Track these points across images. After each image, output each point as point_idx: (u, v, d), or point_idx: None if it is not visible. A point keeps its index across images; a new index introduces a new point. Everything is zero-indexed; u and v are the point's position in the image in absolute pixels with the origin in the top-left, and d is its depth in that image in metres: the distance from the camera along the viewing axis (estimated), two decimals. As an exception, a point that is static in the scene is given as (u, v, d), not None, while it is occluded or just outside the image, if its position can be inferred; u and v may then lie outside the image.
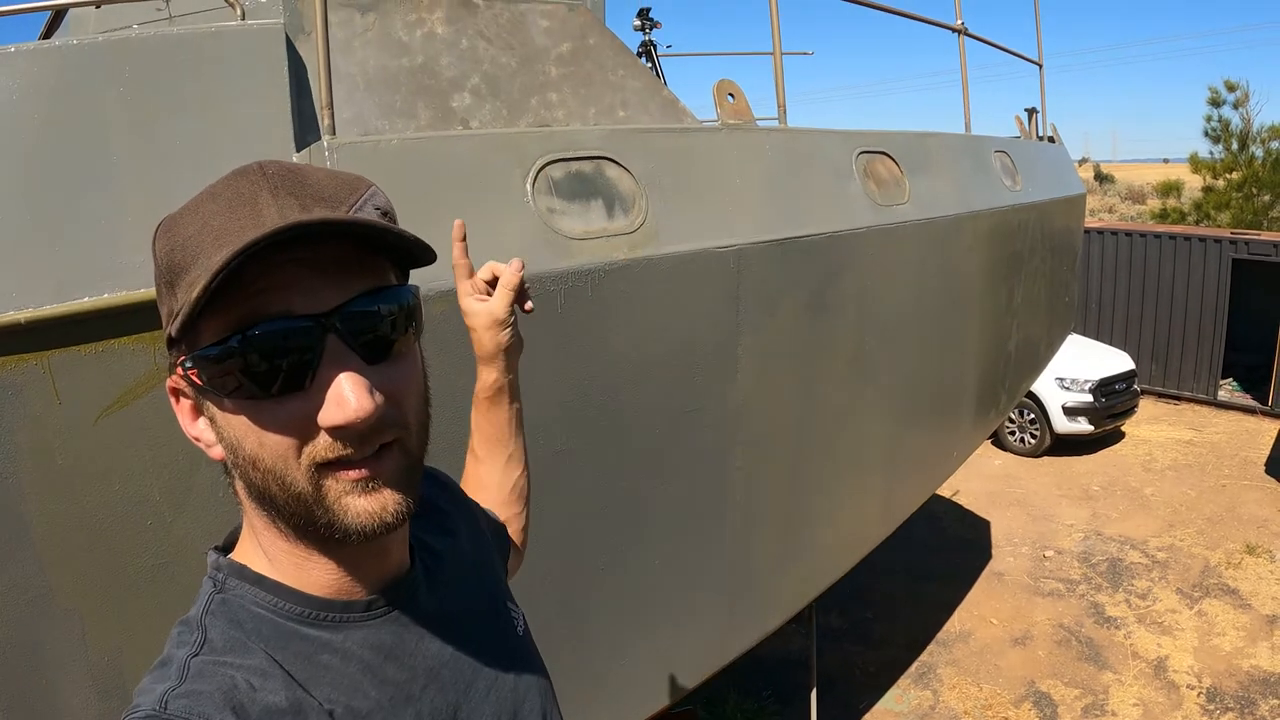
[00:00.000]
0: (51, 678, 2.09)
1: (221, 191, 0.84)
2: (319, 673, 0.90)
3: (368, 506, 0.86)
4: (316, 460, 0.84)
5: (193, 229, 0.82)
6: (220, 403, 0.86)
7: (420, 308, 0.95)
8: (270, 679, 0.86)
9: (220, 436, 0.88)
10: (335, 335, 0.84)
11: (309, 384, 0.83)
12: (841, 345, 3.59)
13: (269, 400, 0.83)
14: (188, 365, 0.85)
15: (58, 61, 1.94)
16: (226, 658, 0.86)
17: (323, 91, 2.22)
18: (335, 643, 0.93)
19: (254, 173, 0.85)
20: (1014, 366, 5.34)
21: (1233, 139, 19.71)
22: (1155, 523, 9.80)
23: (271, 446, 0.84)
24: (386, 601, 0.98)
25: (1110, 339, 13.81)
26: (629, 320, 2.72)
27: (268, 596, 0.92)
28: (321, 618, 0.93)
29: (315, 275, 0.84)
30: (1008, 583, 8.68)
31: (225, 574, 0.94)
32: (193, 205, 0.85)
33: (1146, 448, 12.15)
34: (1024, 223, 4.91)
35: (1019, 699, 6.90)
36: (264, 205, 0.81)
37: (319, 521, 0.86)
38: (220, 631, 0.89)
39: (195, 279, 0.79)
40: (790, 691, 6.67)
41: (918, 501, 4.74)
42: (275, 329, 0.81)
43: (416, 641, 1.00)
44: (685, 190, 2.88)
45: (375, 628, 0.96)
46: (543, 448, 2.63)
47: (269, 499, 0.87)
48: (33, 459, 1.94)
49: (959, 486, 10.62)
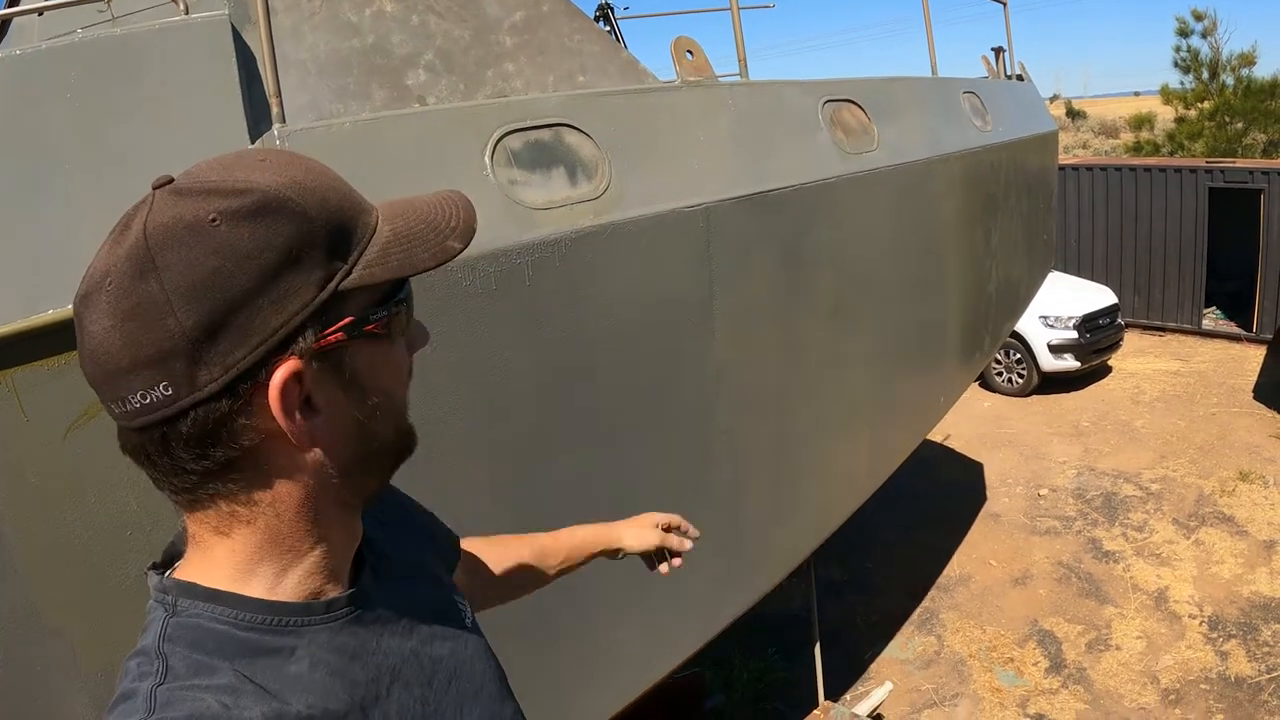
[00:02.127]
0: (46, 697, 2.07)
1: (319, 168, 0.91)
2: (289, 682, 0.88)
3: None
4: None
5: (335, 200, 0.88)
6: (386, 351, 0.93)
7: None
8: (242, 695, 0.83)
9: (363, 395, 0.91)
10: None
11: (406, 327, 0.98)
12: (820, 297, 3.56)
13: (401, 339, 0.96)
14: (377, 314, 0.90)
15: (1, 74, 1.89)
16: (193, 681, 0.83)
17: (269, 80, 2.17)
18: (300, 649, 0.90)
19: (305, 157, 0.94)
20: (996, 307, 5.33)
21: (1203, 68, 19.70)
22: (1147, 455, 9.85)
23: (404, 382, 0.98)
24: (347, 601, 0.97)
25: (1092, 274, 13.83)
26: (600, 288, 2.68)
27: (226, 610, 0.88)
28: (284, 624, 0.90)
29: None
30: (1004, 523, 8.72)
31: (175, 595, 0.89)
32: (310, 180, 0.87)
33: (1134, 381, 12.20)
34: (997, 163, 4.89)
35: (1023, 639, 6.95)
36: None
37: (405, 443, 0.99)
38: (181, 657, 0.85)
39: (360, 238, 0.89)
40: (795, 647, 6.69)
41: (908, 448, 4.74)
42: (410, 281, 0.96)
43: (376, 640, 0.99)
44: (648, 152, 2.84)
45: (336, 630, 0.95)
46: (521, 421, 2.61)
47: (378, 453, 0.96)
48: (4, 479, 1.91)
49: (950, 430, 10.65)
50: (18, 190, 1.88)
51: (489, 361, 2.48)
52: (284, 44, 3.03)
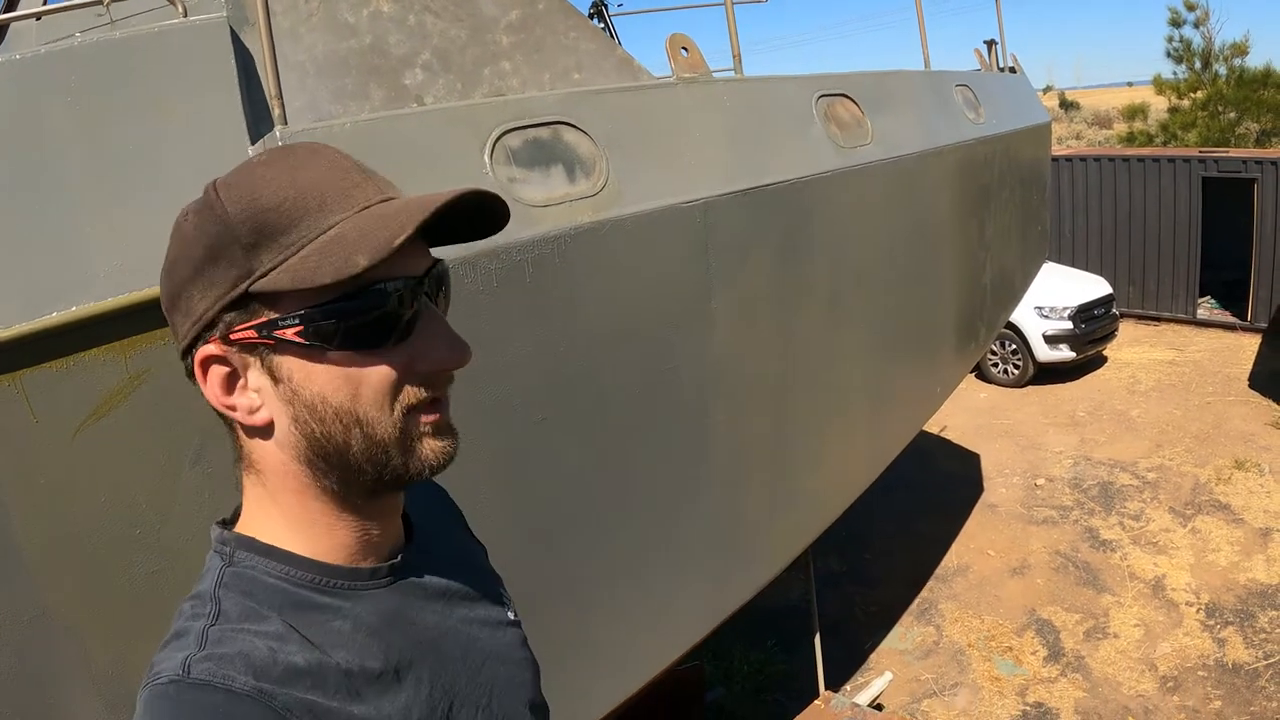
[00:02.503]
0: (58, 697, 2.09)
1: (307, 161, 0.91)
2: (333, 637, 0.94)
3: (438, 446, 0.96)
4: (409, 404, 0.92)
5: (285, 194, 0.87)
6: (316, 359, 0.90)
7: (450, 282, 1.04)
8: (288, 642, 0.90)
9: (292, 396, 0.91)
10: (426, 295, 0.94)
11: (408, 336, 0.92)
12: (816, 291, 3.59)
13: (375, 351, 0.90)
14: (287, 322, 0.88)
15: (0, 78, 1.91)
16: (244, 624, 0.89)
17: (270, 81, 2.19)
18: (346, 609, 0.96)
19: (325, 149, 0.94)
20: (991, 299, 5.36)
21: (1195, 58, 19.75)
22: (1143, 444, 9.89)
23: (370, 395, 0.91)
24: (390, 571, 1.02)
25: (1086, 265, 13.86)
26: (599, 283, 2.71)
27: (279, 566, 0.95)
28: (332, 585, 0.97)
29: (412, 244, 0.91)
30: (1001, 514, 8.76)
31: (233, 547, 0.97)
32: (266, 171, 0.90)
33: (1130, 370, 12.24)
34: (990, 155, 4.91)
35: (1021, 628, 6.99)
36: (360, 178, 0.92)
37: (393, 464, 0.93)
38: (234, 602, 0.92)
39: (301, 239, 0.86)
40: (795, 638, 6.73)
41: (905, 439, 4.76)
42: (399, 286, 0.90)
43: (417, 612, 1.04)
44: (645, 148, 2.87)
45: (381, 596, 1.00)
46: (523, 418, 2.63)
47: (340, 451, 0.92)
48: (15, 481, 1.93)
49: (946, 421, 10.69)
50: (20, 194, 1.89)
51: (491, 358, 2.50)
52: (282, 45, 3.04)
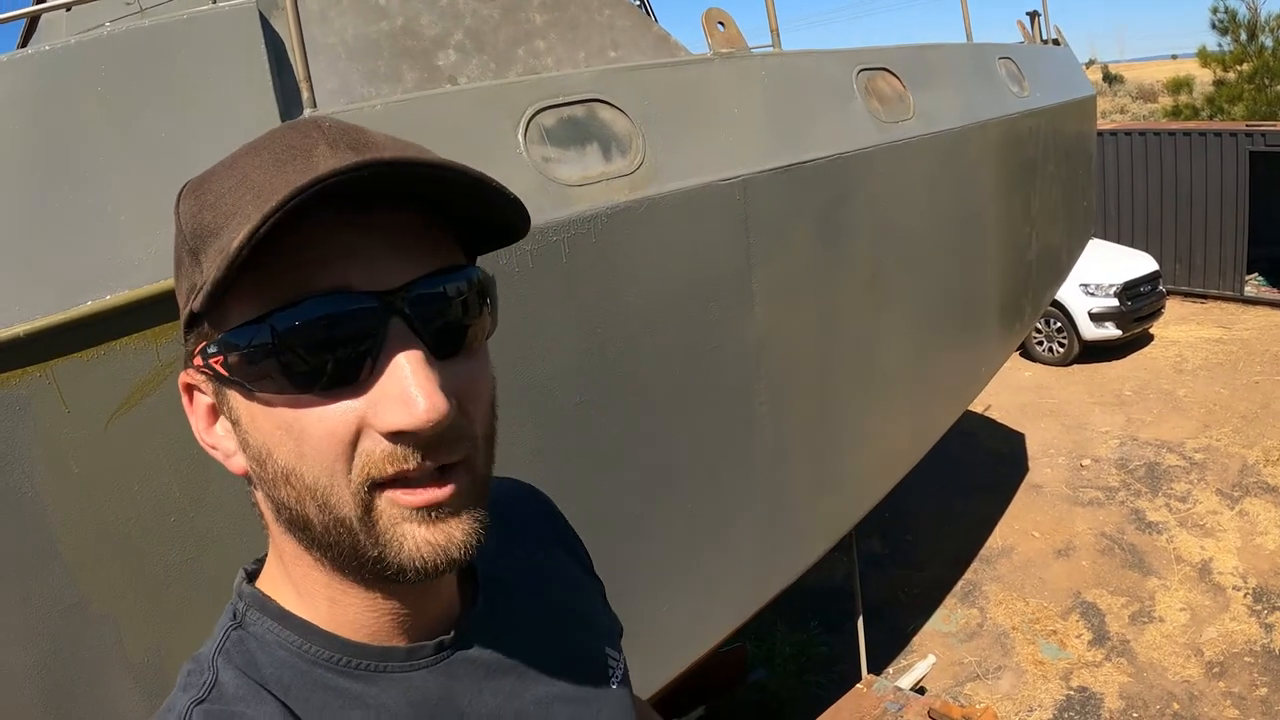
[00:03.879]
0: (95, 685, 2.10)
1: (266, 145, 0.69)
2: None
3: (429, 538, 0.70)
4: (371, 476, 0.68)
5: (227, 186, 0.67)
6: (250, 398, 0.70)
7: (496, 295, 0.79)
8: None
9: (245, 443, 0.73)
10: (401, 319, 0.68)
11: (365, 376, 0.68)
12: (858, 269, 3.53)
13: (316, 395, 0.68)
14: (211, 350, 0.69)
15: (32, 69, 1.91)
16: (236, 706, 0.74)
17: (299, 64, 2.17)
18: (369, 696, 0.79)
19: (307, 125, 0.70)
20: (1036, 276, 5.26)
21: (1240, 29, 19.25)
22: (1190, 424, 9.71)
23: (314, 457, 0.68)
24: (435, 648, 0.83)
25: (1132, 241, 13.62)
26: (638, 262, 2.67)
27: (292, 637, 0.79)
28: (355, 665, 0.79)
29: (379, 244, 0.69)
30: (1047, 494, 8.64)
31: (246, 604, 0.81)
32: (228, 161, 0.71)
33: (1176, 349, 12.02)
34: (1034, 129, 4.80)
35: (1066, 610, 6.90)
36: (320, 158, 0.66)
37: (365, 555, 0.71)
38: (232, 675, 0.76)
39: (229, 241, 0.63)
40: (838, 620, 6.69)
41: (949, 420, 4.70)
42: (329, 306, 0.66)
43: (470, 697, 0.85)
44: (683, 125, 2.82)
45: (419, 679, 0.82)
46: (563, 400, 2.60)
47: (303, 523, 0.72)
48: (49, 471, 1.94)
49: (990, 401, 10.56)
50: (53, 184, 1.89)
51: (528, 340, 2.47)
52: (312, 29, 3.03)
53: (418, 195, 0.70)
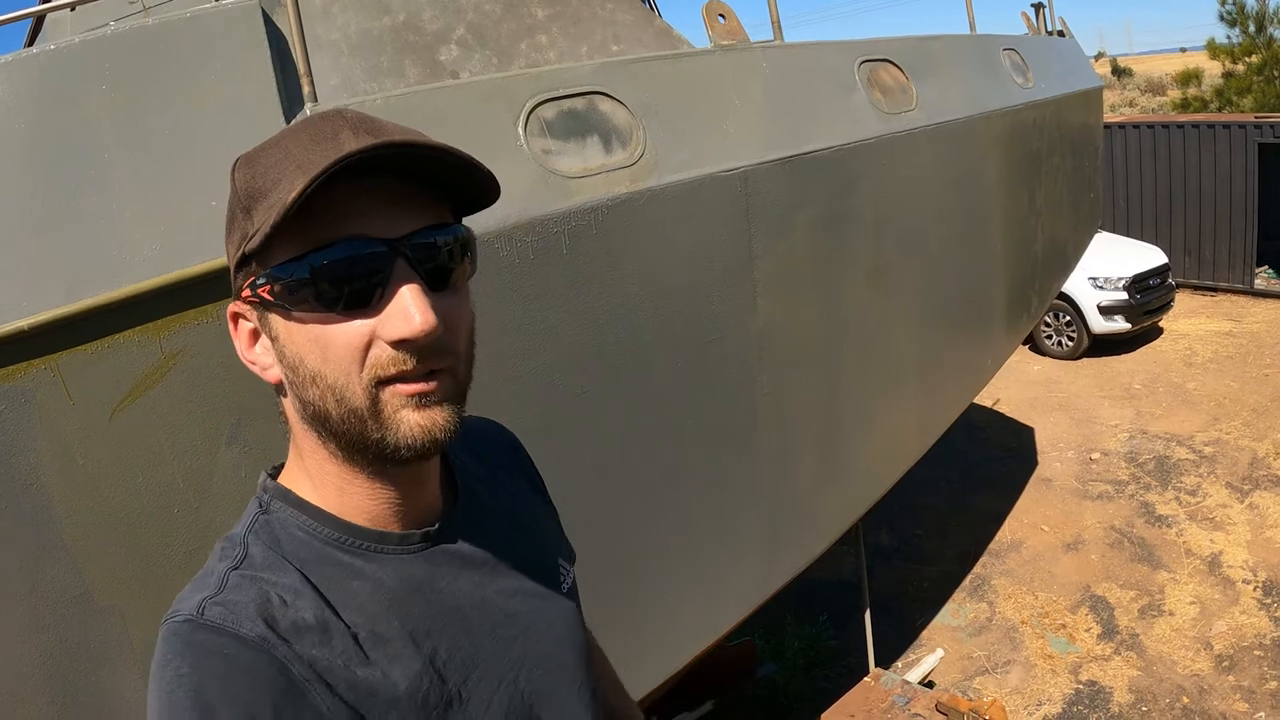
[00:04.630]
0: (101, 675, 2.12)
1: (303, 128, 0.90)
2: (348, 597, 0.95)
3: (420, 421, 0.90)
4: (378, 375, 0.88)
5: (274, 159, 0.88)
6: (288, 318, 0.90)
7: (476, 248, 0.99)
8: (302, 597, 0.91)
9: (281, 355, 0.93)
10: (404, 259, 0.89)
11: (377, 301, 0.88)
12: (861, 260, 3.52)
13: (339, 314, 0.88)
14: (261, 281, 0.89)
15: (37, 68, 1.93)
16: (264, 574, 0.92)
17: (300, 60, 2.18)
18: (368, 571, 0.97)
19: (333, 115, 0.91)
20: (1043, 268, 5.24)
21: (1249, 21, 19.14)
22: (1200, 417, 9.66)
23: (335, 360, 0.88)
24: (422, 538, 1.02)
25: (1141, 234, 13.55)
26: (639, 254, 2.67)
27: (308, 521, 0.97)
28: (357, 545, 0.98)
29: (391, 204, 0.90)
30: (1056, 488, 8.61)
31: (271, 496, 1.00)
32: (273, 141, 0.91)
33: (1186, 342, 11.96)
34: (1040, 120, 4.79)
35: (1075, 604, 6.87)
36: (345, 139, 0.86)
37: (371, 438, 0.90)
38: (260, 549, 0.94)
39: (277, 200, 0.84)
40: (846, 614, 6.66)
41: (955, 412, 4.69)
42: (355, 248, 0.87)
43: (448, 580, 1.03)
44: (683, 117, 2.82)
45: (408, 561, 1.00)
46: (565, 391, 2.60)
47: (323, 417, 0.91)
48: (54, 463, 1.95)
49: (999, 394, 10.52)
50: (58, 180, 1.91)
51: (530, 331, 2.48)
52: (314, 25, 3.04)
53: (418, 169, 0.90)
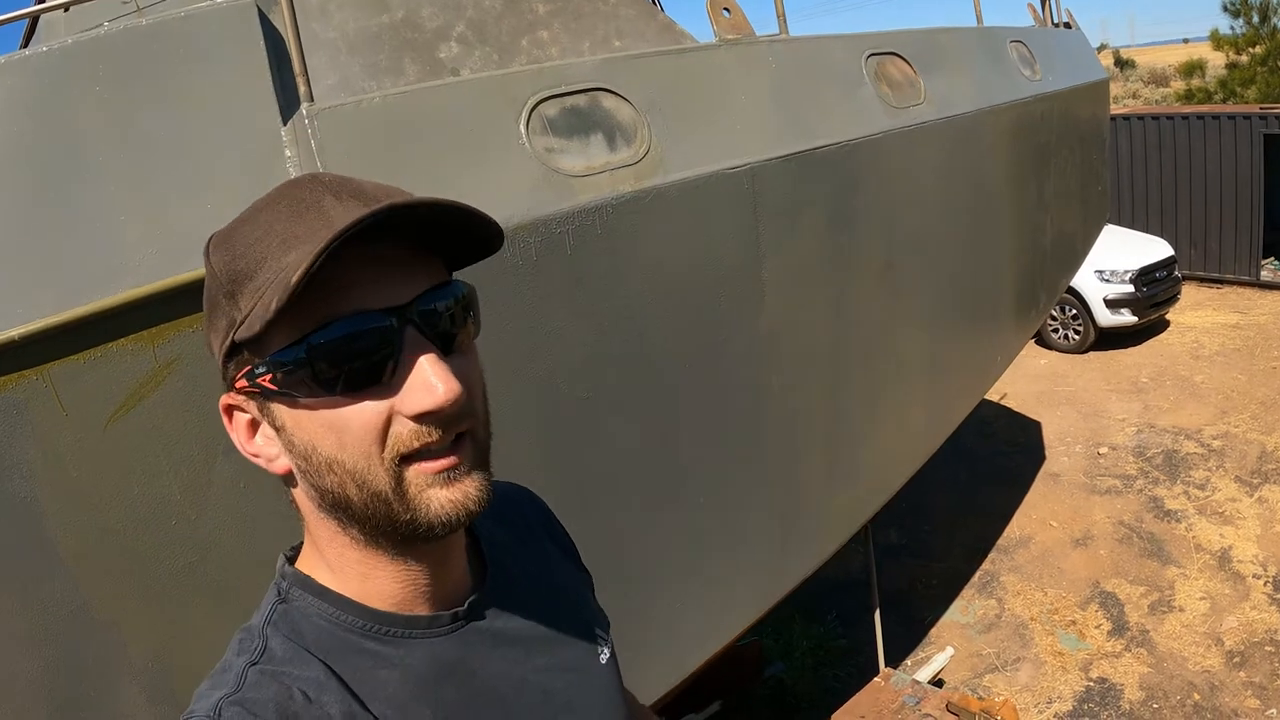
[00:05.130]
0: (100, 690, 2.09)
1: (278, 200, 0.85)
2: (376, 688, 0.91)
3: (450, 496, 0.86)
4: (400, 452, 0.84)
5: (253, 237, 0.83)
6: (295, 406, 0.85)
7: (478, 303, 0.95)
8: (326, 691, 0.87)
9: (290, 445, 0.87)
10: (413, 328, 0.84)
11: (389, 376, 0.84)
12: (870, 257, 3.47)
13: (350, 396, 0.83)
14: (260, 370, 0.84)
15: (29, 71, 1.89)
16: (285, 668, 0.88)
17: (296, 59, 2.14)
18: (395, 658, 0.93)
19: (309, 181, 0.86)
20: (1051, 262, 5.19)
21: (1253, 12, 19.03)
22: (1208, 411, 9.61)
23: (353, 444, 0.84)
24: (451, 618, 0.98)
25: (1146, 227, 13.48)
26: (644, 253, 2.62)
27: (329, 609, 0.93)
28: (383, 632, 0.93)
29: (387, 270, 0.85)
30: (1064, 483, 8.56)
31: (290, 583, 0.96)
32: (247, 216, 0.86)
33: (1193, 335, 11.89)
34: (1047, 113, 4.74)
35: (1085, 600, 6.83)
36: (329, 207, 0.83)
37: (399, 519, 0.86)
38: (280, 641, 0.90)
39: (267, 281, 0.80)
40: (855, 613, 6.63)
41: (965, 410, 4.65)
42: (361, 323, 0.82)
43: (481, 661, 0.99)
44: (689, 113, 2.77)
45: (439, 645, 0.96)
46: (570, 394, 2.56)
47: (344, 504, 0.87)
48: (48, 474, 1.92)
49: (1007, 389, 10.47)
50: (53, 185, 1.87)
51: (534, 334, 2.43)
52: (311, 24, 3.00)
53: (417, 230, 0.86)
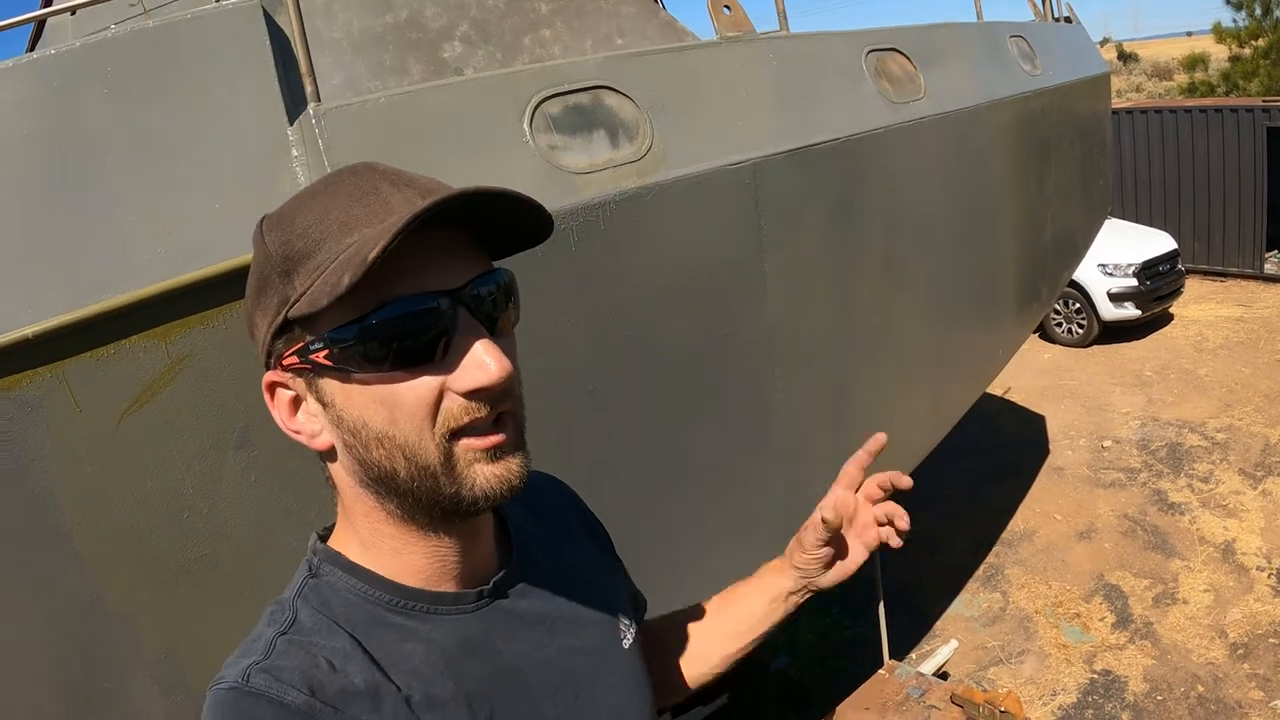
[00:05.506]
0: (114, 683, 2.11)
1: (336, 184, 0.89)
2: (401, 660, 0.94)
3: (496, 472, 0.90)
4: (450, 427, 0.87)
5: (312, 219, 0.87)
6: (347, 380, 0.88)
7: (518, 290, 0.98)
8: (352, 661, 0.90)
9: (339, 420, 0.90)
10: (466, 309, 0.88)
11: (441, 354, 0.87)
12: (872, 252, 3.49)
13: (405, 372, 0.86)
14: (315, 346, 0.87)
15: (37, 73, 1.91)
16: (313, 638, 0.91)
17: (302, 59, 2.16)
18: (421, 632, 0.96)
19: (365, 169, 0.90)
20: (1053, 256, 5.20)
21: (1255, 4, 19.00)
22: (1212, 404, 9.61)
23: (406, 418, 0.87)
24: (477, 596, 1.01)
25: (1150, 220, 13.48)
26: (648, 250, 2.65)
27: (358, 584, 0.96)
28: (410, 607, 0.97)
29: (444, 256, 0.89)
30: (1068, 477, 8.58)
31: (320, 559, 0.99)
32: (304, 199, 0.90)
33: (1197, 328, 11.89)
34: (1048, 107, 4.75)
35: (1089, 593, 6.84)
36: (388, 194, 0.87)
37: (444, 493, 0.90)
38: (310, 613, 0.94)
39: (323, 263, 0.84)
40: (861, 606, 6.62)
41: (967, 403, 4.66)
42: (420, 303, 0.86)
43: (504, 640, 1.02)
44: (690, 110, 2.79)
45: (464, 621, 0.99)
46: (573, 389, 2.58)
47: (389, 477, 0.90)
48: (62, 470, 1.94)
49: (1010, 383, 10.48)
50: (61, 185, 1.89)
51: (540, 329, 2.46)
52: (316, 23, 3.02)
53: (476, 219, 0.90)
